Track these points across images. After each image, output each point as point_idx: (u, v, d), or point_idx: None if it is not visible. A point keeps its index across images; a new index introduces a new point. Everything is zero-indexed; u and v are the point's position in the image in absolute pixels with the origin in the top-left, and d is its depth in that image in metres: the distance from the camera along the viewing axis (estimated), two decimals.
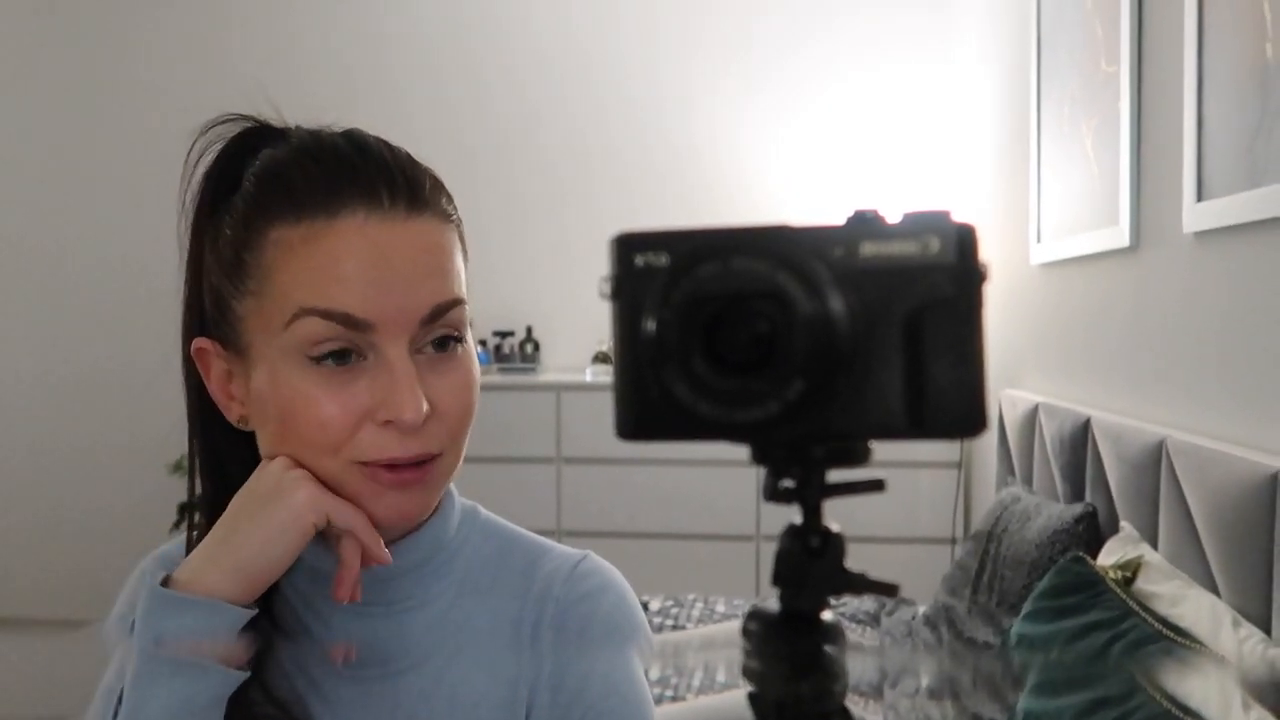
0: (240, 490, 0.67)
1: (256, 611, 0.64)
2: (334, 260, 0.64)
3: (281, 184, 0.66)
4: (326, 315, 0.64)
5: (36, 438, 3.85)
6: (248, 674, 0.64)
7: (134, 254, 3.71)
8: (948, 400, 0.34)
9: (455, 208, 0.71)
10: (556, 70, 3.65)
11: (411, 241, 0.66)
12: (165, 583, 0.64)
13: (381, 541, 0.67)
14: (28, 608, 3.75)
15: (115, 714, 0.63)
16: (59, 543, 3.81)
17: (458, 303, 0.67)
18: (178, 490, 3.32)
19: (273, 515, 0.64)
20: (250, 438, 0.72)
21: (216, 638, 0.62)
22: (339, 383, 0.65)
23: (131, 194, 3.73)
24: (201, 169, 0.71)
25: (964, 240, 0.34)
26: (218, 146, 0.72)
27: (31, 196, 3.87)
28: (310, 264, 0.64)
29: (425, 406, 0.64)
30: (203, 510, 0.73)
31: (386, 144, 0.69)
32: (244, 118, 0.72)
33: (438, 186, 0.69)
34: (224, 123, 0.72)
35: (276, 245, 0.65)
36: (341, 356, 0.65)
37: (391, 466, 0.66)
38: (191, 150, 0.71)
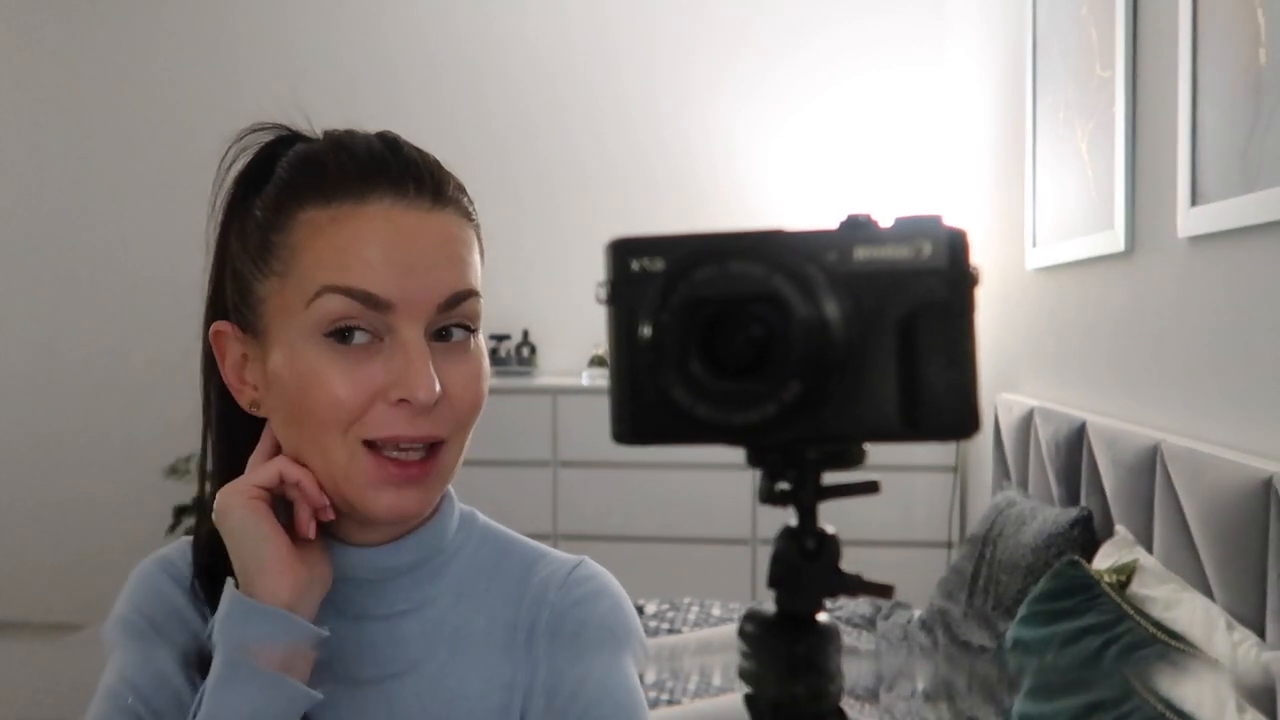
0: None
1: (328, 634, 0.66)
2: (360, 241, 0.66)
3: (315, 169, 0.68)
4: (348, 293, 0.65)
5: (32, 442, 3.85)
6: (320, 697, 0.65)
7: (135, 261, 3.71)
8: (941, 402, 0.34)
9: (475, 211, 0.73)
10: (553, 76, 3.65)
11: (435, 230, 0.68)
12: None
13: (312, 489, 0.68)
14: (23, 611, 3.74)
15: (195, 715, 0.65)
16: (55, 546, 3.80)
17: (474, 294, 0.69)
18: (173, 494, 3.33)
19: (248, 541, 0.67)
20: (260, 428, 0.72)
21: (292, 649, 0.65)
22: (354, 361, 0.66)
23: (141, 198, 3.73)
24: (233, 174, 0.73)
25: (955, 245, 0.34)
26: (250, 152, 0.73)
27: (35, 199, 3.86)
28: (336, 244, 0.66)
29: (438, 387, 0.65)
30: (209, 507, 0.73)
31: (416, 147, 0.71)
32: (277, 126, 0.74)
33: (460, 189, 0.72)
34: (257, 131, 0.74)
35: (305, 225, 0.67)
36: (358, 335, 0.66)
37: (398, 461, 0.66)
38: (225, 156, 0.73)
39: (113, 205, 3.80)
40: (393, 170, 0.68)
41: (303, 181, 0.68)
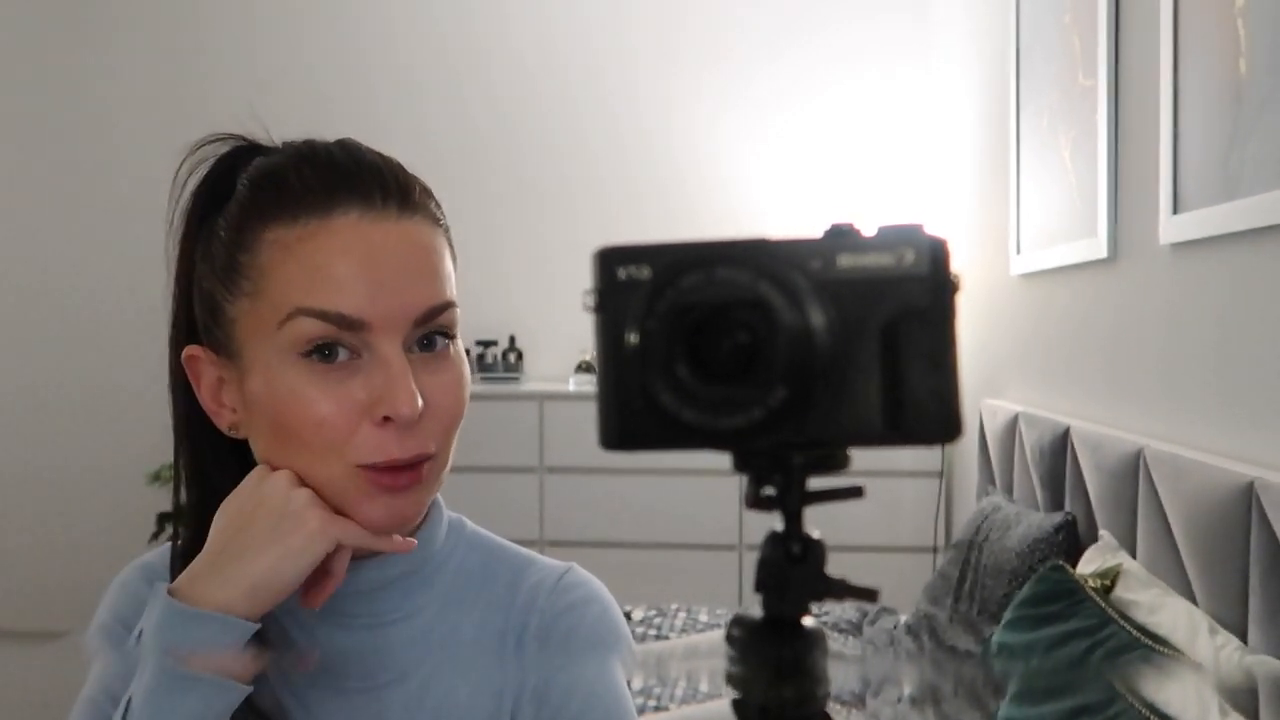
0: (237, 503, 0.66)
1: (260, 626, 0.64)
2: (329, 260, 0.65)
3: (276, 185, 0.67)
4: (321, 316, 0.64)
5: (14, 449, 3.81)
6: (251, 688, 0.63)
7: (114, 268, 3.69)
8: (924, 407, 0.35)
9: (444, 214, 0.72)
10: (536, 82, 3.66)
11: (404, 241, 0.67)
12: (169, 594, 0.63)
13: (394, 536, 0.68)
14: (5, 619, 3.71)
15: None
16: (37, 554, 3.77)
17: (450, 305, 0.68)
18: (156, 500, 3.31)
19: (287, 537, 0.63)
20: (237, 448, 0.72)
21: (230, 652, 0.62)
22: (334, 380, 0.65)
23: (113, 209, 3.71)
24: (190, 186, 0.72)
25: (936, 252, 0.35)
26: (207, 165, 0.72)
27: (12, 210, 3.84)
28: (306, 264, 0.65)
29: (420, 401, 0.65)
30: (188, 520, 0.72)
31: (378, 152, 0.70)
32: (233, 137, 0.73)
33: (427, 193, 0.70)
34: (213, 142, 0.72)
35: (272, 245, 0.66)
36: (336, 353, 0.65)
37: (388, 470, 0.66)
38: (180, 168, 0.71)
39: (86, 213, 3.77)
40: (356, 179, 0.66)
41: (266, 198, 0.67)
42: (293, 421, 0.65)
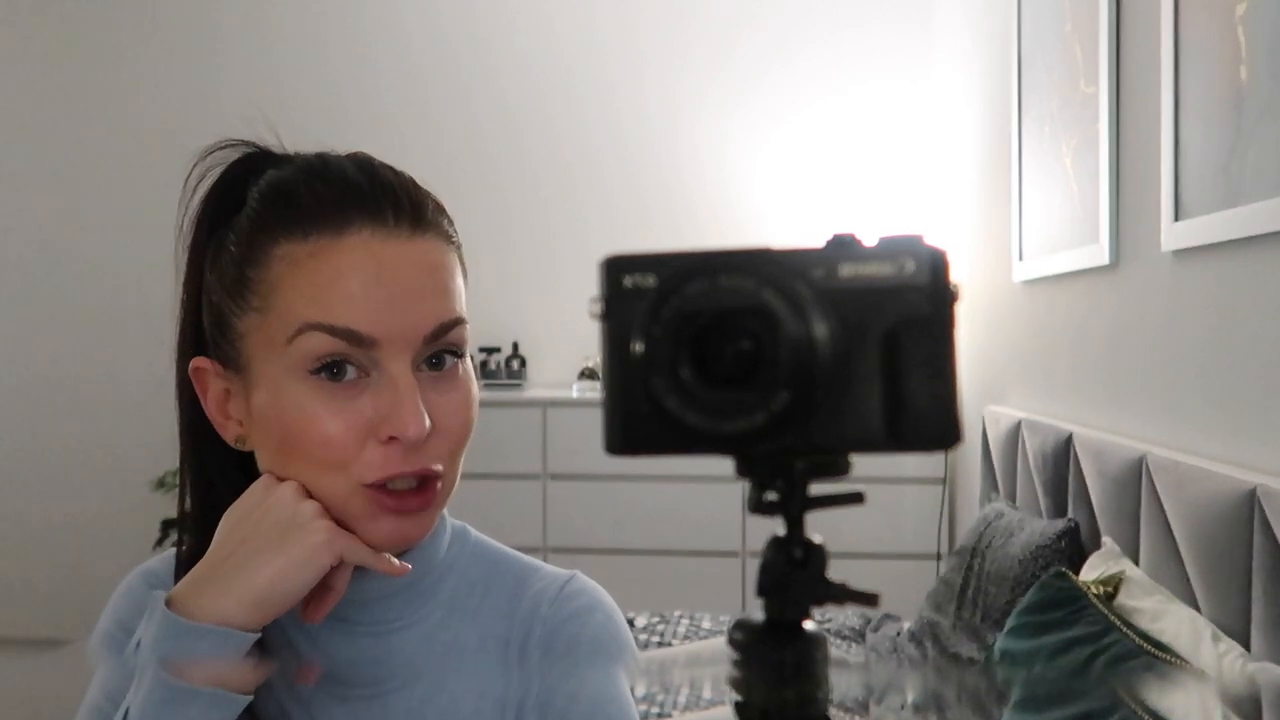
0: (242, 511, 0.66)
1: (260, 636, 0.63)
2: (340, 276, 0.64)
3: (289, 201, 0.67)
4: (331, 331, 0.64)
5: (18, 454, 3.82)
6: (252, 698, 0.63)
7: (119, 274, 3.70)
8: (924, 414, 0.35)
9: (456, 231, 0.71)
10: (542, 90, 3.67)
11: (415, 260, 0.66)
12: (168, 604, 0.63)
13: (392, 559, 0.67)
14: (10, 627, 3.71)
15: None
16: (42, 561, 3.77)
17: (460, 322, 0.68)
18: (160, 507, 3.31)
19: (292, 549, 0.63)
20: (241, 458, 0.72)
21: (229, 664, 0.61)
22: (342, 399, 0.65)
23: (123, 212, 3.72)
24: (200, 193, 0.71)
25: (936, 262, 0.35)
26: (217, 171, 0.72)
27: (20, 211, 3.85)
28: (316, 280, 0.64)
29: (428, 422, 0.64)
30: (191, 528, 0.73)
31: (391, 168, 0.70)
32: (244, 143, 0.73)
33: (440, 210, 0.70)
34: (224, 148, 0.72)
35: (283, 261, 0.66)
36: (344, 371, 0.65)
37: (394, 493, 0.65)
38: (190, 175, 0.71)
39: (95, 218, 3.78)
40: (369, 198, 0.66)
41: (277, 214, 0.67)
42: (299, 438, 0.65)
